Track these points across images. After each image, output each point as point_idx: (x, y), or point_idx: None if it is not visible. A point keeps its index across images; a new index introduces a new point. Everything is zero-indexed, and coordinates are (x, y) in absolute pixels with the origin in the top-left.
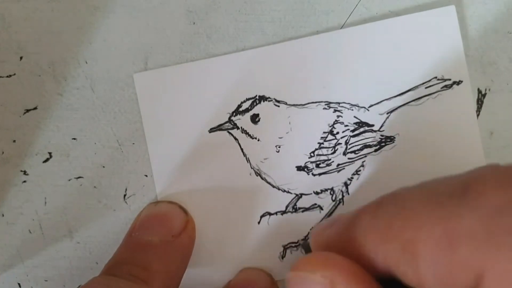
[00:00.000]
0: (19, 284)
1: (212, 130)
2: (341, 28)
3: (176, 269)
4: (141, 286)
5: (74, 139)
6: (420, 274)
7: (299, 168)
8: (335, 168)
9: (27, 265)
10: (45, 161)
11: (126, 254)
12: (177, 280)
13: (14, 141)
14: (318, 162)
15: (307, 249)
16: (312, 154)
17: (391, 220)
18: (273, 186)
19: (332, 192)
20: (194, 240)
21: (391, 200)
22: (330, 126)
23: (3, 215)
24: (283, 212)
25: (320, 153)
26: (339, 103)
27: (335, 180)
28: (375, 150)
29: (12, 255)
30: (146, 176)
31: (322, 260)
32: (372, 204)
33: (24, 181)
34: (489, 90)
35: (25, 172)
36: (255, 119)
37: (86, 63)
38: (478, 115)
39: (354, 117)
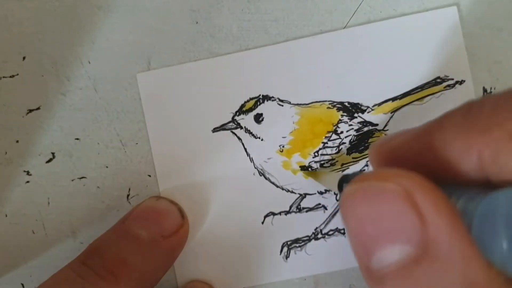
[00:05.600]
0: (22, 284)
1: (215, 130)
2: (344, 27)
3: (155, 270)
4: (107, 285)
5: (77, 139)
6: None
7: (303, 168)
8: (340, 168)
9: (31, 266)
10: (48, 162)
11: (111, 240)
12: (152, 281)
13: (17, 141)
14: (322, 162)
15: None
16: (316, 154)
17: (493, 109)
18: (277, 186)
19: (336, 192)
20: (182, 246)
21: (488, 96)
22: (334, 126)
23: (6, 216)
24: (287, 212)
25: (324, 152)
26: (343, 102)
27: None
28: None
29: (16, 255)
30: (150, 176)
31: (392, 172)
32: (460, 106)
33: (27, 182)
34: (495, 88)
35: (28, 173)
36: (258, 118)
37: (89, 63)
38: None
39: (358, 116)
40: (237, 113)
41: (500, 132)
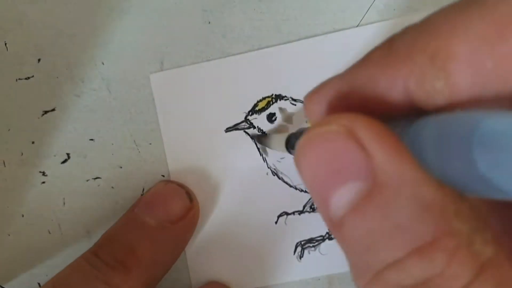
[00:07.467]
0: (39, 284)
1: (228, 129)
2: (358, 26)
3: (164, 257)
4: (118, 275)
5: (92, 140)
6: (453, 85)
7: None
8: None
9: (47, 265)
10: (63, 162)
11: (121, 230)
12: (162, 268)
13: (33, 142)
14: None
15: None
16: None
17: (415, 37)
18: (290, 186)
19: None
20: (192, 231)
21: (409, 26)
22: None
23: (22, 216)
24: (300, 212)
25: None
26: None
27: None
28: None
29: (32, 255)
30: (163, 176)
31: (332, 116)
32: (382, 41)
33: (43, 182)
34: None
35: (43, 173)
36: (271, 118)
37: (103, 64)
38: None
39: None
40: (250, 113)
41: (422, 57)
